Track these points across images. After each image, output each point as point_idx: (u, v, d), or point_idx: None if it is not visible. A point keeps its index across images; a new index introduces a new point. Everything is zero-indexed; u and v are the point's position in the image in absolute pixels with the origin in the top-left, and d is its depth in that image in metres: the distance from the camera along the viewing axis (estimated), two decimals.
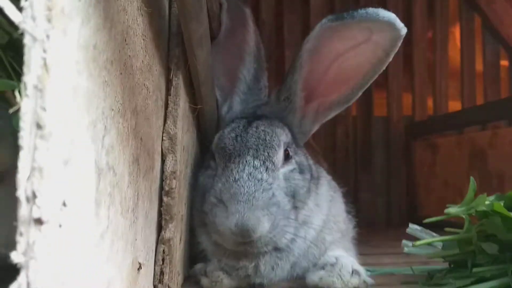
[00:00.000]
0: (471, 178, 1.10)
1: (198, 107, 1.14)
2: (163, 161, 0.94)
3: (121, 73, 0.62)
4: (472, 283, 1.04)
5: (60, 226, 0.42)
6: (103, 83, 0.54)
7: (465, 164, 2.25)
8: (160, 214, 0.92)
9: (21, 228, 0.38)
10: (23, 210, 0.38)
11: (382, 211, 2.81)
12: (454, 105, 3.03)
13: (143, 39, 0.76)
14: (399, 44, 1.13)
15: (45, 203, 0.39)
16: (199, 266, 1.16)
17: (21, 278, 0.38)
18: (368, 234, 1.75)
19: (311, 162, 1.26)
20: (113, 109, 0.59)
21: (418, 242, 1.10)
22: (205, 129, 1.37)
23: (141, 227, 0.77)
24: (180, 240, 1.05)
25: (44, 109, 0.38)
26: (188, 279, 1.17)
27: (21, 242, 0.38)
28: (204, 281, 1.11)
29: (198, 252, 1.19)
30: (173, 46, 0.99)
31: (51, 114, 0.39)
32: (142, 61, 0.75)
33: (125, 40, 0.64)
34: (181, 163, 1.00)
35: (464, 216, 1.10)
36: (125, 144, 0.65)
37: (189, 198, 1.19)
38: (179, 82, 0.97)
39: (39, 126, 0.38)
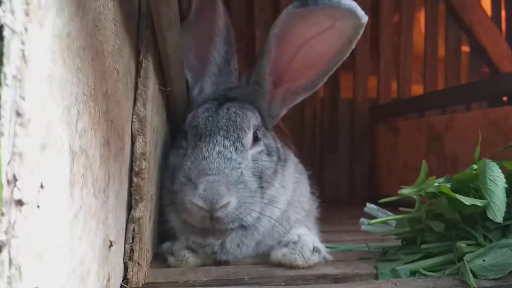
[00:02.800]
0: (423, 161, 1.19)
1: (167, 89, 1.15)
2: (133, 143, 0.96)
3: (92, 59, 0.64)
4: (421, 258, 1.13)
5: (38, 206, 0.45)
6: (76, 70, 0.56)
7: (424, 146, 2.37)
8: (130, 194, 0.94)
9: (3, 209, 0.41)
10: (5, 192, 0.40)
11: (345, 190, 2.93)
12: (417, 89, 3.14)
13: (114, 24, 0.77)
14: (361, 32, 1.18)
15: (25, 186, 0.42)
16: (166, 245, 1.20)
17: (3, 255, 0.41)
18: (330, 212, 1.83)
19: (279, 145, 1.31)
20: (85, 94, 0.61)
21: (373, 221, 1.18)
22: (175, 110, 1.39)
23: (112, 207, 0.80)
24: (150, 219, 1.08)
25: (23, 98, 0.40)
26: (156, 257, 1.21)
27: (3, 221, 0.41)
28: (171, 259, 1.15)
29: (166, 230, 1.23)
30: (142, 28, 1.00)
31: (30, 102, 0.41)
32: (113, 45, 0.77)
33: (97, 26, 0.66)
34: (150, 144, 1.03)
35: (415, 197, 1.19)
36: (96, 127, 0.68)
37: (159, 178, 1.22)
38: (148, 64, 0.99)
39: (18, 114, 0.40)
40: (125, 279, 0.94)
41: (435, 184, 1.10)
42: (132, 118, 0.96)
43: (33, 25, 0.42)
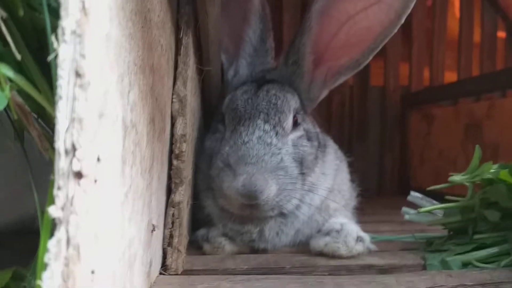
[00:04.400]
0: (477, 146, 1.11)
1: (206, 68, 1.10)
2: (172, 124, 0.92)
3: (142, 27, 0.59)
4: (473, 249, 1.06)
5: (95, 181, 0.40)
6: (128, 35, 0.51)
7: (461, 135, 2.27)
8: (170, 177, 0.90)
9: (60, 181, 0.36)
10: (62, 163, 0.36)
11: (374, 180, 2.84)
12: (450, 76, 3.02)
13: None
14: (411, 5, 1.10)
15: (84, 156, 0.37)
16: (202, 232, 1.15)
17: (61, 233, 0.36)
18: (361, 203, 1.77)
19: (318, 130, 1.25)
20: (135, 64, 0.56)
21: (423, 209, 1.11)
22: (210, 93, 1.34)
23: (155, 189, 0.76)
24: (187, 204, 1.04)
25: (83, 56, 0.36)
26: (191, 244, 1.17)
27: (60, 196, 0.36)
28: (206, 246, 1.11)
29: (203, 217, 1.19)
30: (183, 3, 0.95)
31: (90, 62, 0.37)
32: (158, 16, 0.72)
33: None
34: (189, 126, 0.98)
35: (467, 184, 1.11)
36: (144, 102, 0.63)
37: (195, 163, 1.18)
38: (189, 41, 0.94)
39: (78, 75, 0.36)
40: (164, 265, 0.90)
41: (492, 170, 1.03)
42: (172, 98, 0.91)
43: None
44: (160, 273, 0.88)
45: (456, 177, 1.11)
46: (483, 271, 0.96)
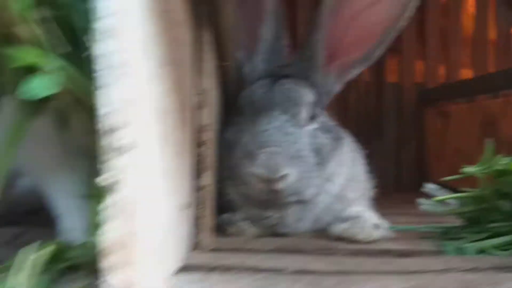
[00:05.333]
0: (489, 141, 1.15)
1: (225, 63, 1.15)
2: (196, 115, 0.97)
3: (167, 24, 0.64)
4: (487, 238, 1.09)
5: (136, 157, 0.45)
6: (157, 32, 0.57)
7: (477, 132, 2.28)
8: (196, 163, 0.96)
9: (106, 157, 0.42)
10: (107, 141, 0.41)
11: (391, 177, 2.86)
12: (466, 73, 3.02)
13: None
14: None
15: (130, 132, 0.42)
16: (225, 216, 1.21)
17: (111, 200, 0.42)
18: (378, 198, 1.80)
19: (333, 123, 1.30)
20: (164, 58, 0.61)
21: (438, 198, 1.15)
22: (227, 88, 1.39)
23: (185, 172, 0.82)
24: (213, 188, 1.09)
25: (120, 50, 0.41)
26: (216, 228, 1.23)
27: (108, 167, 0.41)
28: (231, 229, 1.17)
29: (225, 202, 1.24)
30: (200, 2, 1.00)
31: (127, 55, 0.42)
32: (179, 15, 0.77)
33: None
34: (212, 116, 1.03)
35: (480, 176, 1.15)
36: (173, 92, 0.69)
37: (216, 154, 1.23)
38: (207, 38, 0.99)
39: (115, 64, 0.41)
40: (194, 245, 0.96)
41: (503, 162, 1.06)
42: (194, 90, 0.97)
43: None
44: (190, 252, 0.94)
45: (470, 169, 1.15)
46: (497, 256, 1.00)
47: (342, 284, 0.77)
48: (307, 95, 1.19)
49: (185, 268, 0.83)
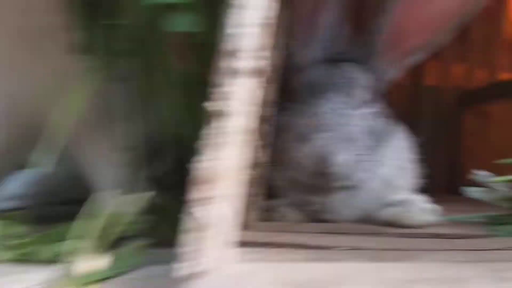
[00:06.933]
0: None
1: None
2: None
3: None
4: None
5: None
6: None
7: None
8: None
9: (222, 80, 0.44)
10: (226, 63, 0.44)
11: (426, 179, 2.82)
12: (506, 77, 2.97)
13: None
14: None
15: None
16: (270, 202, 1.21)
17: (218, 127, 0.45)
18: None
19: (387, 111, 1.30)
20: None
21: (498, 178, 1.13)
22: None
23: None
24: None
25: None
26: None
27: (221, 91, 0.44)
28: (275, 215, 1.18)
29: (270, 189, 1.24)
30: None
31: None
32: None
33: None
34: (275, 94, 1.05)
35: None
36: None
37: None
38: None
39: None
40: (242, 224, 0.98)
41: None
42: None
43: None
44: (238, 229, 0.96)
45: None
46: None
47: (405, 257, 0.77)
48: (364, 78, 1.20)
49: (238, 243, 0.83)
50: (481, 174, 1.25)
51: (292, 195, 1.20)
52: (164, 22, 0.56)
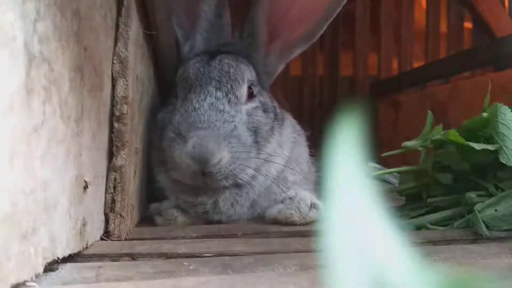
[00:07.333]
0: (429, 112, 1.11)
1: (152, 33, 1.07)
2: (113, 86, 0.89)
3: None
4: (427, 213, 1.06)
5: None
6: None
7: (426, 119, 2.29)
8: (111, 141, 0.87)
9: None
10: None
11: None
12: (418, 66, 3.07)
13: None
14: None
15: None
16: (154, 205, 1.13)
17: None
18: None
19: (275, 104, 1.24)
20: None
21: (378, 172, 1.11)
22: (164, 69, 1.31)
23: (88, 145, 0.73)
24: (135, 173, 1.01)
25: None
26: (144, 220, 1.14)
27: None
28: (159, 219, 1.09)
29: (155, 191, 1.16)
30: None
31: None
32: None
33: None
34: (133, 90, 0.95)
35: (420, 149, 1.11)
36: (64, 44, 0.60)
37: (146, 135, 1.15)
38: (130, 2, 0.91)
39: None
40: (107, 232, 0.86)
41: (442, 132, 1.03)
42: (112, 59, 0.88)
43: None
44: (102, 238, 0.85)
45: (409, 142, 1.12)
46: (435, 231, 0.96)
47: (259, 262, 0.70)
48: (246, 72, 1.12)
49: (77, 257, 0.71)
50: (373, 166, 1.22)
51: (177, 196, 1.11)
52: None
